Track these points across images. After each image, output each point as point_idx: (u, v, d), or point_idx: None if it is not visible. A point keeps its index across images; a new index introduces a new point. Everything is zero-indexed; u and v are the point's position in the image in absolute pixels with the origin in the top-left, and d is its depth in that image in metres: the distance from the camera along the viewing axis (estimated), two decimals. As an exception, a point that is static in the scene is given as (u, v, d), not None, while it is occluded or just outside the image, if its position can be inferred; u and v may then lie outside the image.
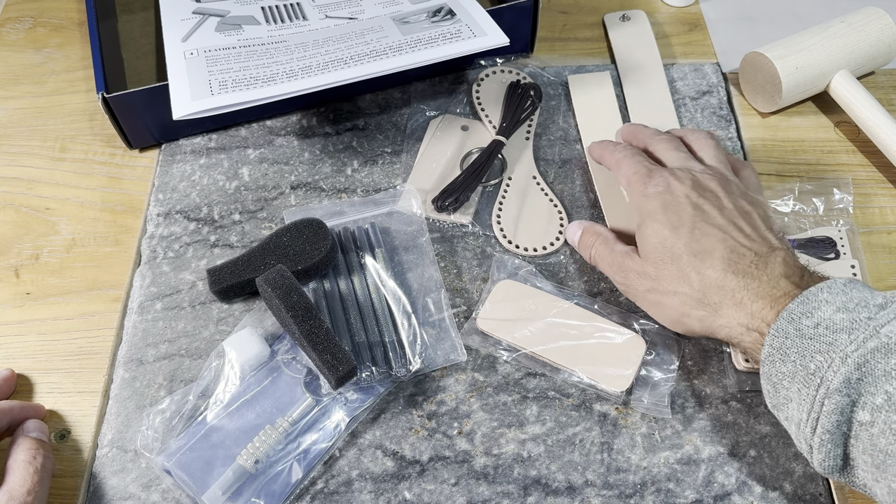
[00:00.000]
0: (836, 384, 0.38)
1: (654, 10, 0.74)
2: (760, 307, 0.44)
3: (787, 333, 0.41)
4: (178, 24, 0.62)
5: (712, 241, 0.47)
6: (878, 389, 0.37)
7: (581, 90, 0.66)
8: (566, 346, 0.51)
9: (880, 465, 0.37)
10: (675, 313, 0.48)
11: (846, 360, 0.38)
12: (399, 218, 0.59)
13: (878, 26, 0.63)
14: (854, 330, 0.39)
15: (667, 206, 0.49)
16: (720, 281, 0.45)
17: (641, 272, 0.49)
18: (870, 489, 0.39)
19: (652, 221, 0.49)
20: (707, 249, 0.46)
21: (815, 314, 0.41)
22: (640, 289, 0.50)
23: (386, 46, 0.58)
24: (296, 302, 0.49)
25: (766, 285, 0.44)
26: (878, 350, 0.38)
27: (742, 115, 0.66)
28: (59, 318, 0.55)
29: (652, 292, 0.49)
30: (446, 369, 0.52)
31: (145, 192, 0.62)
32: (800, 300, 0.42)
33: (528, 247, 0.57)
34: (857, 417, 0.38)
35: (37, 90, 0.69)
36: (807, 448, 0.41)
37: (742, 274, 0.45)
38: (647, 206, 0.50)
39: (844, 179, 0.59)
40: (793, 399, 0.41)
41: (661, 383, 0.50)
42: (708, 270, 0.46)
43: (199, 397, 0.50)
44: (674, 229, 0.48)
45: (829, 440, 0.39)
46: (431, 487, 0.48)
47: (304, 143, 0.64)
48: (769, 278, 0.44)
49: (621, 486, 0.47)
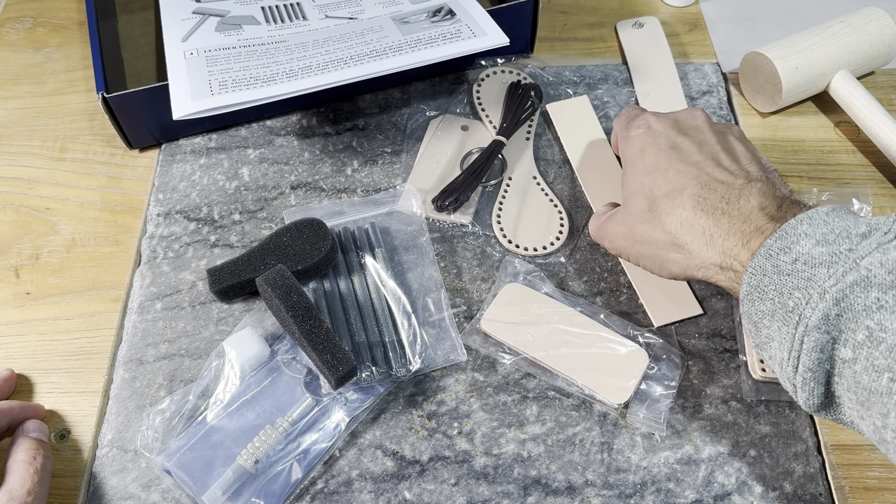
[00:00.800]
0: (814, 321, 0.37)
1: (655, 11, 0.74)
2: (731, 245, 0.42)
3: (765, 271, 0.40)
4: (178, 23, 0.62)
5: (684, 179, 0.46)
6: (859, 325, 0.36)
7: (562, 117, 0.64)
8: (568, 354, 0.51)
9: (864, 402, 0.36)
10: (657, 259, 0.47)
11: (824, 296, 0.37)
12: (399, 218, 0.59)
13: (878, 26, 0.63)
14: (833, 264, 0.37)
15: (644, 150, 0.49)
16: (690, 220, 0.45)
17: (621, 221, 0.49)
18: (857, 426, 0.39)
19: (631, 169, 0.49)
20: (678, 188, 0.46)
21: (794, 249, 0.39)
22: (622, 243, 0.49)
23: (386, 46, 0.58)
24: (296, 302, 0.49)
25: (737, 221, 0.43)
26: (857, 284, 0.36)
27: (742, 115, 0.66)
28: (59, 318, 0.55)
29: (632, 242, 0.48)
30: (446, 369, 0.52)
31: (145, 192, 0.62)
32: (778, 235, 0.40)
33: (528, 246, 0.57)
34: (839, 355, 0.37)
35: (37, 90, 0.69)
36: (791, 387, 0.40)
37: (711, 210, 0.44)
38: (628, 151, 0.50)
39: (864, 190, 0.59)
40: (774, 338, 0.40)
41: (661, 399, 0.50)
42: (678, 210, 0.45)
43: (199, 397, 0.50)
44: (649, 173, 0.47)
45: (811, 378, 0.38)
46: (431, 487, 0.48)
47: (304, 143, 0.64)
48: (740, 213, 0.43)
49: (621, 486, 0.47)
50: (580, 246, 0.58)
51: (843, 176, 0.61)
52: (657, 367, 0.51)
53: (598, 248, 0.57)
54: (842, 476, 0.47)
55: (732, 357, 0.52)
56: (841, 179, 0.61)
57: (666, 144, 0.48)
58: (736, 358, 0.52)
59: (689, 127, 0.50)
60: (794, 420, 0.50)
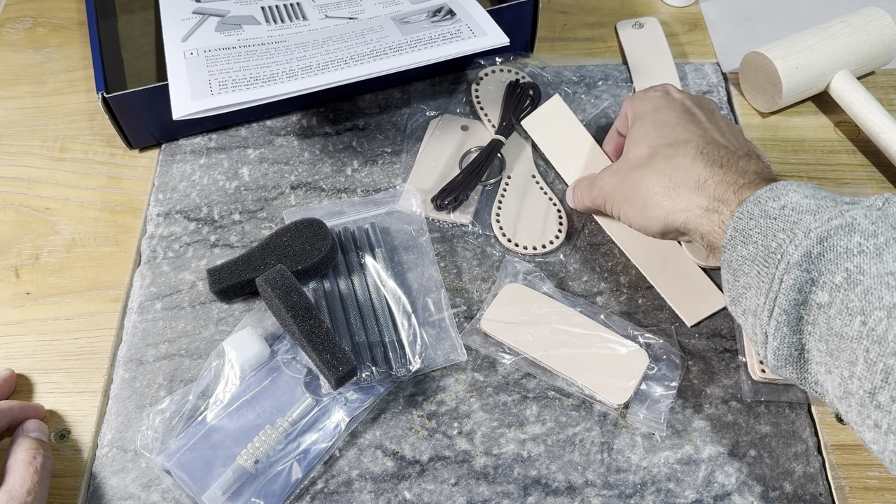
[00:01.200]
0: (796, 258, 0.37)
1: (655, 11, 0.74)
2: (723, 191, 0.44)
3: (752, 215, 0.41)
4: (178, 23, 0.62)
5: (690, 136, 0.47)
6: (839, 267, 0.36)
7: (539, 129, 0.62)
8: (568, 354, 0.51)
9: (833, 351, 0.37)
10: (640, 201, 0.48)
11: (809, 235, 0.37)
12: (399, 218, 0.59)
13: (878, 26, 0.63)
14: (819, 211, 0.38)
15: (658, 108, 0.50)
16: (687, 166, 0.46)
17: (615, 170, 0.50)
18: (821, 385, 0.39)
19: (640, 122, 0.50)
20: (683, 140, 0.47)
21: (783, 198, 0.40)
22: (609, 190, 0.50)
23: (386, 46, 0.58)
24: (296, 302, 0.49)
25: (733, 174, 0.44)
26: (841, 228, 0.37)
27: (742, 115, 0.66)
28: (59, 318, 0.55)
29: (620, 187, 0.49)
30: (446, 369, 0.52)
31: (145, 192, 0.62)
32: (769, 187, 0.41)
33: (527, 245, 0.57)
34: (815, 299, 0.37)
35: (37, 90, 0.69)
36: (762, 338, 0.40)
37: (710, 163, 0.45)
38: (641, 107, 0.52)
39: (864, 190, 0.59)
40: (752, 286, 0.40)
41: (661, 399, 0.50)
42: (678, 158, 0.46)
43: (199, 397, 0.50)
44: (658, 128, 0.49)
45: (784, 322, 0.38)
46: (431, 487, 0.48)
47: (304, 143, 0.64)
48: (738, 169, 0.45)
49: (621, 486, 0.47)
50: (580, 245, 0.58)
51: (843, 176, 0.61)
52: (657, 368, 0.51)
53: (598, 248, 0.57)
54: (842, 476, 0.47)
55: (732, 357, 0.52)
56: (841, 179, 0.61)
57: (680, 108, 0.50)
58: (736, 358, 0.52)
59: (703, 103, 0.52)
60: (794, 420, 0.50)
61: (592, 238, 0.58)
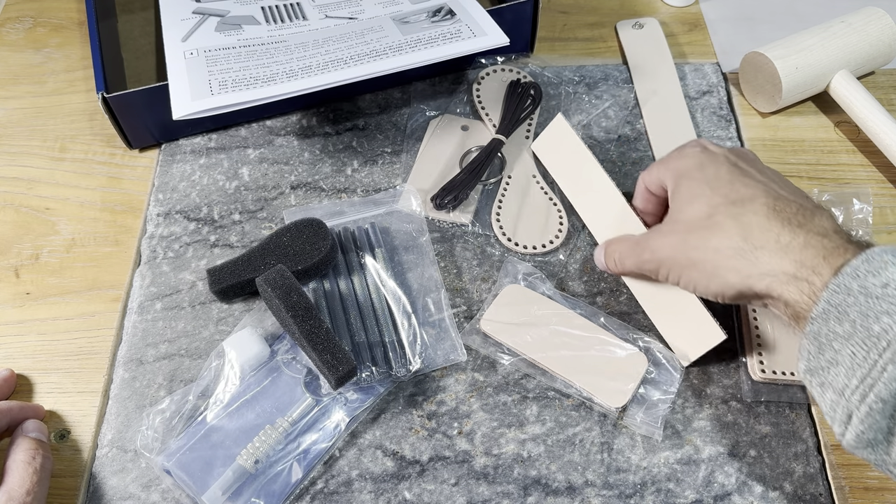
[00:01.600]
0: None
1: (655, 11, 0.74)
2: (811, 256, 0.40)
3: (850, 290, 0.37)
4: (178, 23, 0.62)
5: (753, 191, 0.44)
6: None
7: (547, 152, 0.61)
8: (567, 356, 0.51)
9: None
10: (710, 266, 0.44)
11: None
12: (399, 218, 0.59)
13: (878, 26, 0.63)
14: None
15: (702, 164, 0.47)
16: (762, 224, 0.42)
17: (669, 231, 0.46)
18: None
19: (687, 180, 0.46)
20: (748, 197, 0.44)
21: (883, 273, 0.37)
22: (668, 252, 0.46)
23: (386, 46, 0.58)
24: (296, 302, 0.49)
25: (815, 235, 0.41)
26: None
27: (742, 115, 0.66)
28: (59, 318, 0.55)
29: (683, 250, 0.45)
30: (446, 369, 0.52)
31: (145, 192, 0.62)
32: (864, 257, 0.38)
33: (527, 245, 0.57)
34: None
35: (37, 90, 0.69)
36: (844, 417, 0.37)
37: (787, 221, 0.42)
38: (682, 165, 0.48)
39: (864, 190, 0.58)
40: (841, 363, 0.37)
41: (658, 404, 0.49)
42: (749, 215, 0.43)
43: (199, 397, 0.50)
44: (710, 183, 0.45)
45: (879, 410, 0.36)
46: (431, 487, 0.48)
47: (304, 143, 0.64)
48: (818, 229, 0.41)
49: (621, 486, 0.47)
50: (580, 245, 0.58)
51: (843, 176, 0.61)
52: (656, 372, 0.51)
53: (598, 248, 0.57)
54: (842, 476, 0.47)
55: (732, 357, 0.52)
56: (841, 179, 0.61)
57: (725, 161, 0.47)
58: (736, 358, 0.52)
59: (745, 155, 0.48)
60: (794, 420, 0.50)
61: (592, 238, 0.58)
